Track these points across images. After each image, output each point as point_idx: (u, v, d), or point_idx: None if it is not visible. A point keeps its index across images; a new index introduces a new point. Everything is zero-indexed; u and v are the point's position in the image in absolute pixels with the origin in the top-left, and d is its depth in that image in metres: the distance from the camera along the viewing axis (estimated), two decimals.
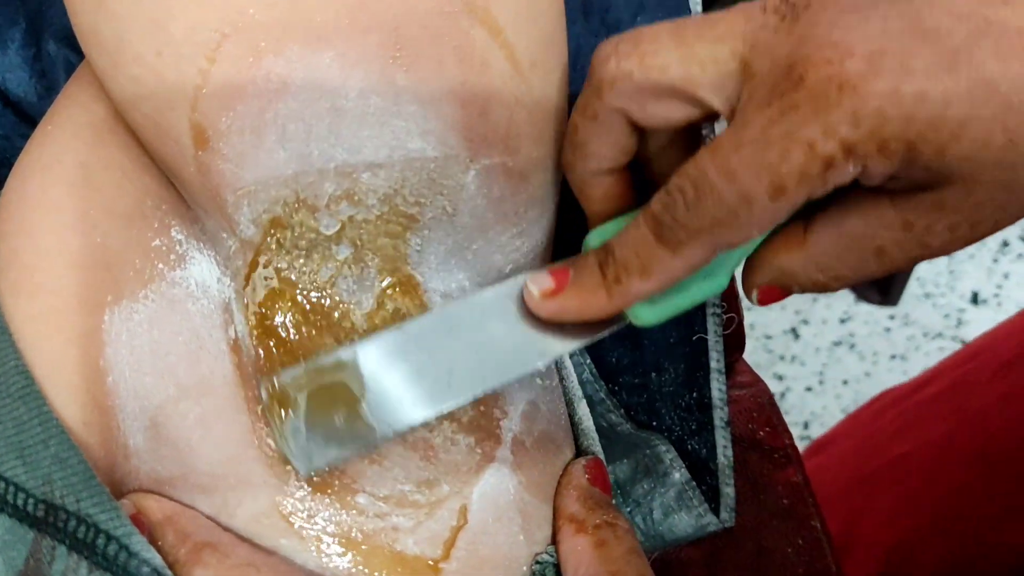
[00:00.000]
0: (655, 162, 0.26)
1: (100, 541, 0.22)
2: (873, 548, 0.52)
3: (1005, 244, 1.11)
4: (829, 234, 0.23)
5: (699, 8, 0.33)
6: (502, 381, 0.25)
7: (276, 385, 0.23)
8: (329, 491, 0.24)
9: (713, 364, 0.36)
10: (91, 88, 0.26)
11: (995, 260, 1.10)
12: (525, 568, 0.26)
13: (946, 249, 0.22)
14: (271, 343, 0.24)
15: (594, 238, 0.26)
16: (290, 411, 0.23)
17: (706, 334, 0.36)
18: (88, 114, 0.26)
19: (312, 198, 0.23)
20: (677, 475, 0.36)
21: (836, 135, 0.20)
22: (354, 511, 0.24)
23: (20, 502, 0.23)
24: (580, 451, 0.30)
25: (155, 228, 0.25)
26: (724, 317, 0.36)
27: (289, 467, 0.24)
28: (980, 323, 1.07)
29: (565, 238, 0.36)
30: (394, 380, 0.24)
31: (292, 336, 0.24)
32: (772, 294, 0.25)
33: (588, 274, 0.24)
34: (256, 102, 0.22)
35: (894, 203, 0.22)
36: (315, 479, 0.24)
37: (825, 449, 0.62)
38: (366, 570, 0.24)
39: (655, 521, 0.36)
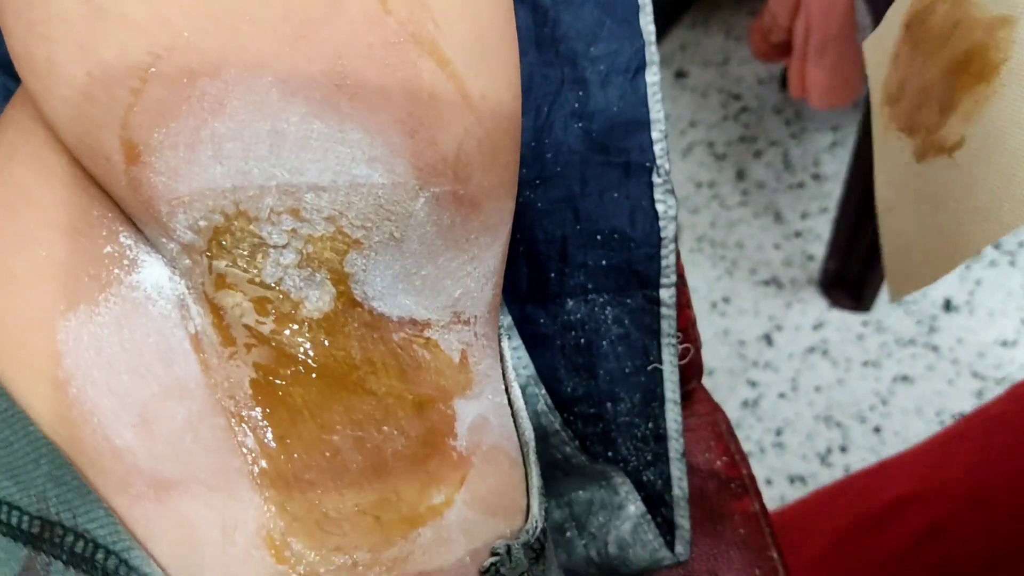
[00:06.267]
0: None
1: (99, 556, 0.22)
2: None
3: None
4: None
5: (652, 37, 0.32)
6: None
7: None
8: (301, 521, 0.24)
9: (668, 394, 0.36)
10: (27, 109, 0.25)
11: (967, 267, 1.11)
12: None
13: None
14: (230, 329, 0.24)
15: None
16: None
17: (661, 364, 0.35)
18: (25, 135, 0.25)
19: (253, 210, 0.22)
20: (632, 508, 0.35)
21: None
22: (322, 545, 0.24)
23: (14, 520, 0.23)
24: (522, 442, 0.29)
25: (104, 236, 0.24)
26: (680, 347, 0.36)
27: (270, 488, 0.23)
28: (952, 330, 1.07)
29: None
30: None
31: (251, 322, 0.23)
32: None
33: None
34: (190, 120, 0.21)
35: None
36: (288, 510, 0.23)
37: None
38: None
39: (610, 555, 0.35)
